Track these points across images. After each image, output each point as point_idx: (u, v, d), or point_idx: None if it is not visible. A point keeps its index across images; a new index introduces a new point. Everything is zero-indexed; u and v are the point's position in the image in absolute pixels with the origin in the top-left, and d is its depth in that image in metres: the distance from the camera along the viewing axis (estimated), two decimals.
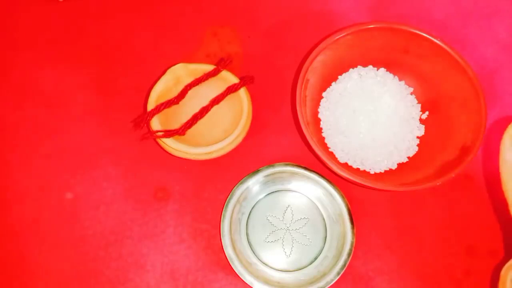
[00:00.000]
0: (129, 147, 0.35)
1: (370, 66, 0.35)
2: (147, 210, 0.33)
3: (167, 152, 0.33)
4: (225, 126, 0.34)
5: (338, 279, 0.31)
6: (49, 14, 0.38)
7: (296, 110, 0.31)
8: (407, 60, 0.34)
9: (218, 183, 0.34)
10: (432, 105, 0.34)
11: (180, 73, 0.34)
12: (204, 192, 0.34)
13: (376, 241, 0.33)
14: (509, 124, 0.32)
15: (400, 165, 0.34)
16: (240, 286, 0.32)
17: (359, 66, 0.35)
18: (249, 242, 0.32)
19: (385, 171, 0.33)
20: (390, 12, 0.40)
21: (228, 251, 0.31)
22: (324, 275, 0.31)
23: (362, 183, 0.29)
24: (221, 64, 0.34)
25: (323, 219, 0.33)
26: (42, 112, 0.36)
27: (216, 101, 0.34)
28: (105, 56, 0.38)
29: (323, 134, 0.34)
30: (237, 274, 0.31)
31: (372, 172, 0.33)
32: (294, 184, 0.34)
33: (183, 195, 0.34)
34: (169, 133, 0.32)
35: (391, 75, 0.35)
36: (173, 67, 0.34)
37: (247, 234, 0.33)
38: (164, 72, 0.34)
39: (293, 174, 0.33)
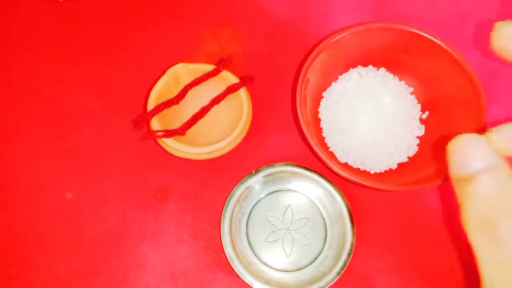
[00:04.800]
0: (129, 147, 0.35)
1: (370, 66, 0.35)
2: (147, 210, 0.33)
3: (167, 152, 0.33)
4: (225, 126, 0.34)
5: (338, 279, 0.31)
6: (49, 14, 0.38)
7: (296, 110, 0.31)
8: (407, 60, 0.34)
9: (218, 183, 0.34)
10: (432, 105, 0.34)
11: (180, 73, 0.34)
12: (204, 192, 0.34)
13: (376, 241, 0.33)
14: None
15: (400, 165, 0.34)
16: (240, 286, 0.32)
17: (359, 66, 0.35)
18: (249, 242, 0.32)
19: (385, 171, 0.33)
20: (390, 12, 0.40)
21: (228, 251, 0.31)
22: (324, 275, 0.31)
23: (362, 183, 0.29)
24: (221, 64, 0.34)
25: (323, 219, 0.33)
26: (42, 112, 0.36)
27: (216, 101, 0.34)
28: (105, 56, 0.38)
29: (323, 134, 0.34)
30: (237, 274, 0.31)
31: (372, 172, 0.33)
32: (294, 184, 0.34)
33: (183, 195, 0.34)
34: (169, 133, 0.32)
35: (391, 75, 0.35)
36: (173, 67, 0.34)
37: (247, 234, 0.33)
38: (164, 72, 0.34)
39: (293, 174, 0.33)
